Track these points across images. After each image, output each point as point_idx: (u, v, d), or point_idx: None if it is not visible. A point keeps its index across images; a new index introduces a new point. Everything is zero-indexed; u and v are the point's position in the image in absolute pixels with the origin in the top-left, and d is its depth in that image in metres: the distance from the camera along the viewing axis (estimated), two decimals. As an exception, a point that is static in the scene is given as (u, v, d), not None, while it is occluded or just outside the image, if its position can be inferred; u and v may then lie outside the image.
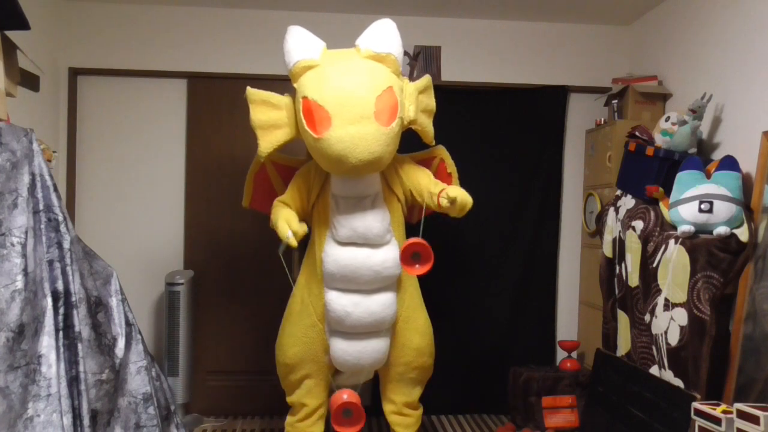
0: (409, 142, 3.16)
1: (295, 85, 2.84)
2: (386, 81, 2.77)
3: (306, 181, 2.98)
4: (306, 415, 3.04)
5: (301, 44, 2.84)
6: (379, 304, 2.87)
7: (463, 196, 2.79)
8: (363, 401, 2.89)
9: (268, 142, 2.89)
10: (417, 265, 2.72)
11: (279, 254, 2.94)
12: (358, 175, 2.83)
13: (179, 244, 4.03)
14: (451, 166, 3.25)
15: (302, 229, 2.81)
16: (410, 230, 3.12)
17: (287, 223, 2.78)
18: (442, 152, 3.24)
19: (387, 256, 2.87)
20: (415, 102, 2.92)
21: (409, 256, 2.71)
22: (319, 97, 2.70)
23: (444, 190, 2.81)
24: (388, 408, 3.13)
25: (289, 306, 3.09)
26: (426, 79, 3.06)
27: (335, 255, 2.86)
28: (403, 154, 3.12)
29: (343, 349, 2.92)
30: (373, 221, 2.87)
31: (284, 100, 2.89)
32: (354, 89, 2.69)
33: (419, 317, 3.07)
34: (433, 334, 3.15)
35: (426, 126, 3.04)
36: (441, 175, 3.25)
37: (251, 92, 2.90)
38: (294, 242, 2.74)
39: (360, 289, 2.87)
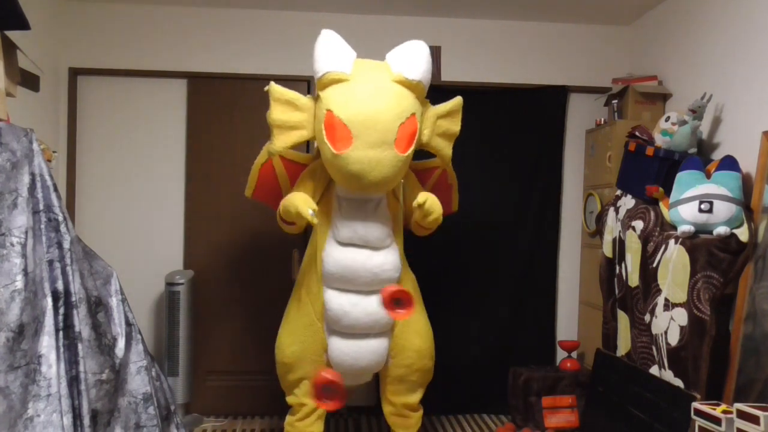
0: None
1: (320, 93, 2.81)
2: (411, 108, 2.77)
3: (313, 179, 2.99)
4: (305, 415, 3.04)
5: (332, 53, 2.80)
6: (376, 305, 2.87)
7: (432, 202, 2.78)
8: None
9: (283, 141, 2.88)
10: (399, 310, 2.71)
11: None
12: (367, 193, 2.85)
13: (179, 244, 4.03)
14: (452, 178, 3.23)
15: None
16: (407, 235, 3.12)
17: (305, 202, 2.72)
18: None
19: (386, 259, 2.89)
20: (432, 126, 2.92)
21: (391, 302, 2.71)
22: (344, 115, 2.69)
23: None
24: (387, 409, 3.13)
25: (289, 305, 3.10)
26: (451, 103, 3.01)
27: (335, 255, 2.87)
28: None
29: (341, 348, 2.93)
30: (374, 225, 2.88)
31: (308, 103, 2.87)
32: (380, 115, 2.68)
33: (419, 320, 3.07)
34: (434, 334, 3.15)
35: (442, 149, 3.01)
36: (441, 185, 3.24)
37: (275, 90, 2.85)
38: (316, 220, 2.69)
39: (358, 289, 2.88)
